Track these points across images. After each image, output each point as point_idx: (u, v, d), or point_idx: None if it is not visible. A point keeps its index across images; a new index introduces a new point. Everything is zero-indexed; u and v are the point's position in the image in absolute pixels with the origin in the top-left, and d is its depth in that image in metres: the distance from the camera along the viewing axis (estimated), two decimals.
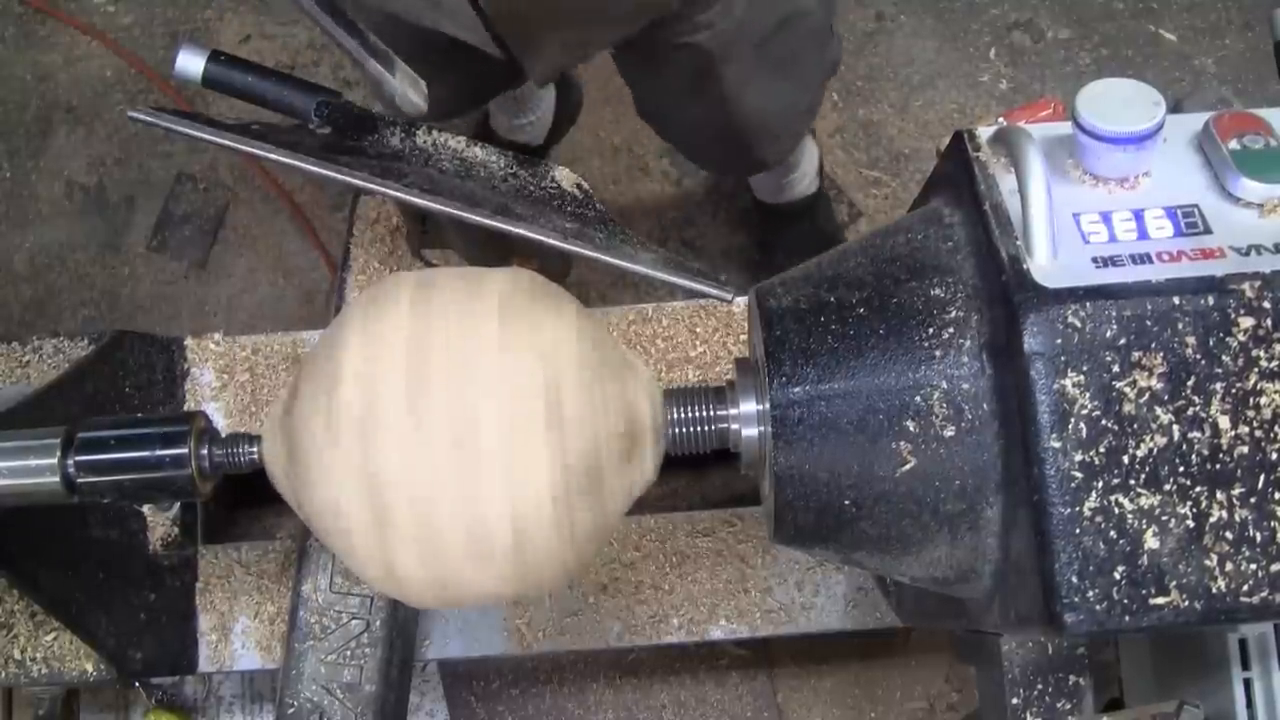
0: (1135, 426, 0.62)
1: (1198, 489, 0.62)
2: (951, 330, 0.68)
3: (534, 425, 0.69)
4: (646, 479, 0.76)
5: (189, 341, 1.32)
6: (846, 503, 0.71)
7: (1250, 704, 1.09)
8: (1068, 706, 0.81)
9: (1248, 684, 1.09)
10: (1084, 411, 0.62)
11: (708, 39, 1.09)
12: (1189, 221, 0.67)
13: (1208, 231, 0.67)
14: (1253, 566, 0.62)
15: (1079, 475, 0.62)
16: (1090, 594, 0.62)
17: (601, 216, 0.93)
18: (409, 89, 0.83)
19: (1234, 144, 0.69)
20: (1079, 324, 0.62)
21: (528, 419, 0.69)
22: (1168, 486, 0.62)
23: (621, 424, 0.73)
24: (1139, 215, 0.68)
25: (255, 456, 0.78)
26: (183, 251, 1.96)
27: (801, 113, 1.32)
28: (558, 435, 0.69)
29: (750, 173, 1.02)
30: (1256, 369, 0.62)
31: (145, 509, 1.25)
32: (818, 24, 1.20)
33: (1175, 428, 0.62)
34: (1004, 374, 0.66)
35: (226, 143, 0.92)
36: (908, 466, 0.69)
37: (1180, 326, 0.62)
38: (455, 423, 0.68)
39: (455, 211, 0.87)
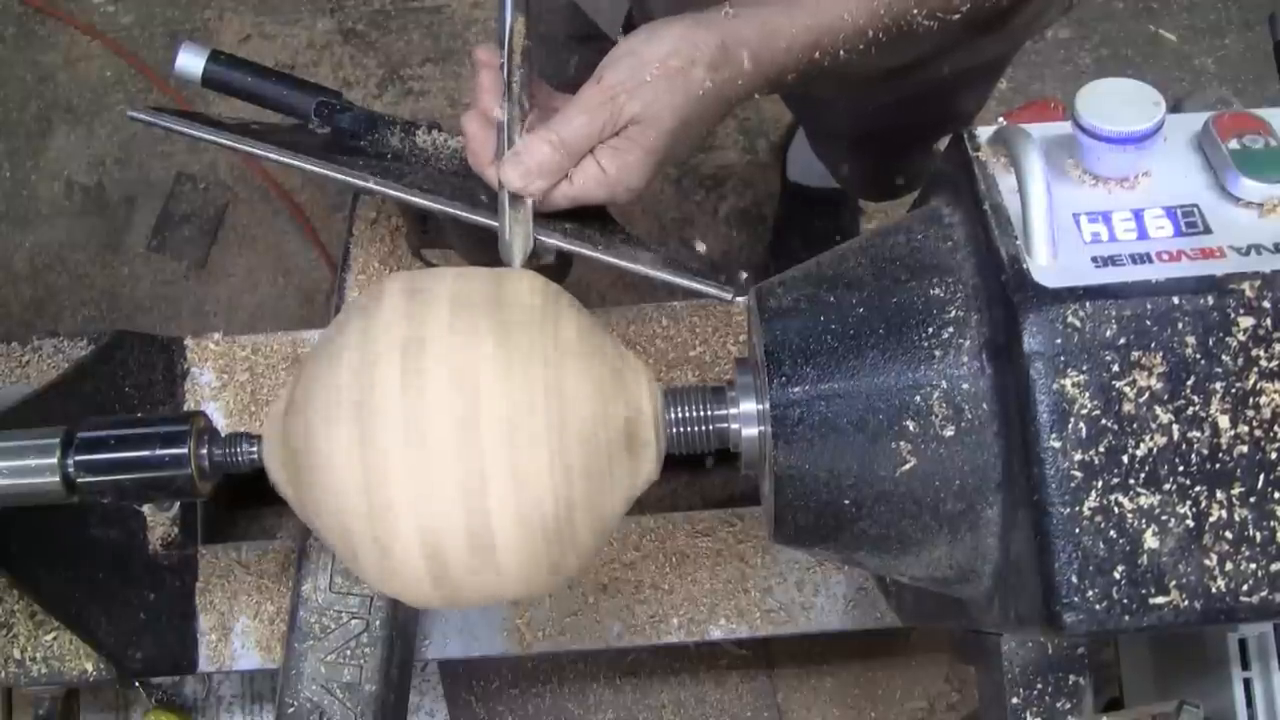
0: (1135, 426, 0.62)
1: (1197, 489, 0.62)
2: (951, 330, 0.68)
3: (534, 424, 0.69)
4: (647, 478, 0.76)
5: (189, 341, 1.32)
6: (846, 503, 0.71)
7: (1250, 704, 1.09)
8: (1068, 706, 0.80)
9: (1248, 684, 1.09)
10: (1084, 411, 0.62)
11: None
12: (1189, 221, 0.67)
13: (1207, 231, 0.67)
14: (1252, 566, 0.62)
15: (1079, 475, 0.62)
16: (1090, 594, 0.62)
17: (601, 216, 0.93)
18: (516, 242, 0.84)
19: (1234, 144, 0.69)
20: (1079, 324, 0.62)
21: (528, 418, 0.69)
22: (1167, 486, 0.62)
23: (622, 423, 0.73)
24: (1139, 215, 0.68)
25: (255, 456, 0.78)
26: (183, 251, 1.96)
27: None
28: (558, 434, 0.69)
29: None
30: (1256, 369, 0.62)
31: (145, 509, 1.25)
32: None
33: (1175, 427, 0.62)
34: (1004, 374, 0.66)
35: (226, 143, 0.92)
36: (908, 466, 0.69)
37: (1180, 326, 0.62)
38: (455, 423, 0.68)
39: (455, 211, 0.87)
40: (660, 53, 0.80)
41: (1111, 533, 0.62)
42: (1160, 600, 0.62)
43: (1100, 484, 0.62)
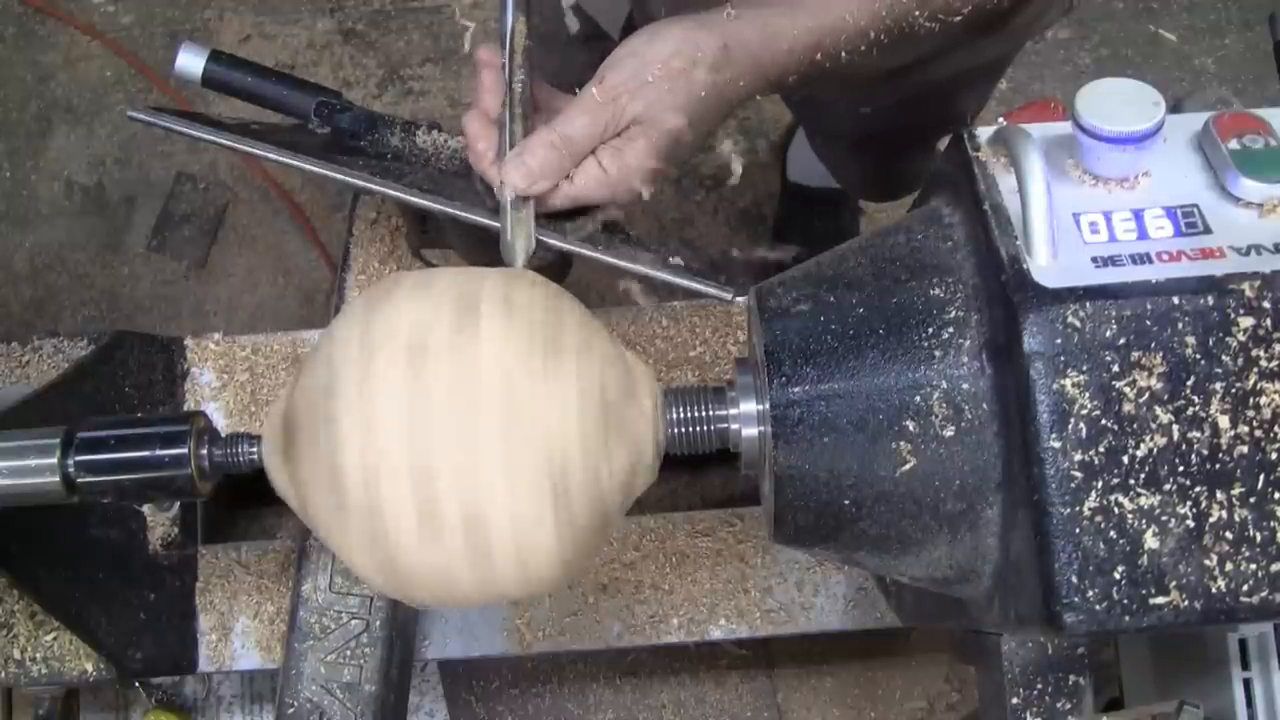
0: (1135, 426, 0.62)
1: (1198, 489, 0.62)
2: (951, 330, 0.68)
3: (535, 424, 0.69)
4: (647, 479, 0.76)
5: (189, 341, 1.32)
6: (846, 503, 0.71)
7: (1250, 704, 1.09)
8: (1068, 706, 0.80)
9: (1248, 684, 1.09)
10: (1084, 411, 0.62)
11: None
12: (1189, 221, 0.67)
13: (1207, 231, 0.67)
14: (1253, 566, 0.62)
15: (1079, 475, 0.62)
16: (1090, 594, 0.62)
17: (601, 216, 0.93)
18: (518, 243, 0.83)
19: (1234, 144, 0.69)
20: (1079, 324, 0.62)
21: (529, 417, 0.69)
22: (1168, 486, 0.62)
23: (622, 423, 0.73)
24: (1139, 215, 0.68)
25: (255, 456, 0.78)
26: (183, 251, 1.96)
27: None
28: (558, 433, 0.69)
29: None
30: (1256, 369, 0.62)
31: (145, 509, 1.25)
32: None
33: (1175, 428, 0.62)
34: (1004, 374, 0.66)
35: (226, 143, 0.92)
36: (908, 466, 0.69)
37: (1180, 326, 0.62)
38: (455, 422, 0.68)
39: (455, 211, 0.87)
40: (662, 53, 0.80)
41: (1111, 533, 0.62)
42: (1160, 600, 0.62)
43: (1100, 484, 0.62)
